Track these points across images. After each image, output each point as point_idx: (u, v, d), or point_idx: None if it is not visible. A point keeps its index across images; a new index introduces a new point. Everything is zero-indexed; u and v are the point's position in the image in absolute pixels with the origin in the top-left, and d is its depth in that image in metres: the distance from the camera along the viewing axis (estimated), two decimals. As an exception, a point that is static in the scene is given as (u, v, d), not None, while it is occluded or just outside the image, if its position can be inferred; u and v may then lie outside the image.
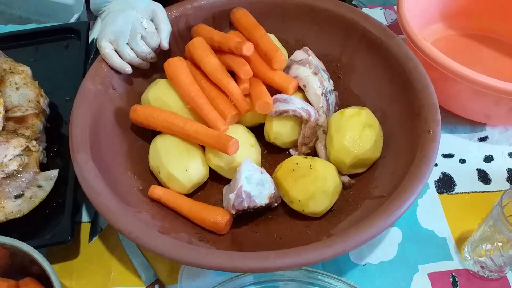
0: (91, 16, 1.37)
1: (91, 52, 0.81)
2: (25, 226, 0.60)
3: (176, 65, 0.66)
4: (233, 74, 0.66)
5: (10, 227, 0.59)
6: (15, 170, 0.59)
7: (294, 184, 0.58)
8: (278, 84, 0.65)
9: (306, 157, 0.61)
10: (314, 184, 0.58)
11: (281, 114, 0.63)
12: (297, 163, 0.60)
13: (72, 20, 1.40)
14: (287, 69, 0.68)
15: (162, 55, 0.70)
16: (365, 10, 0.92)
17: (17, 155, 0.60)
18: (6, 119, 0.63)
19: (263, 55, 0.66)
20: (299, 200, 0.58)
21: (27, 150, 0.62)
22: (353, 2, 1.36)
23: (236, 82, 0.65)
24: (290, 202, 0.59)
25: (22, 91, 0.67)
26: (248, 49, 0.64)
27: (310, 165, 0.59)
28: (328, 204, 0.58)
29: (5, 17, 1.67)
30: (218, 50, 0.67)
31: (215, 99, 0.64)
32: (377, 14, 0.91)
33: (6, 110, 0.64)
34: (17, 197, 0.59)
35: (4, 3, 1.69)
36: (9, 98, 0.66)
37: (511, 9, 0.81)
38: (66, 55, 0.81)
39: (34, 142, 0.62)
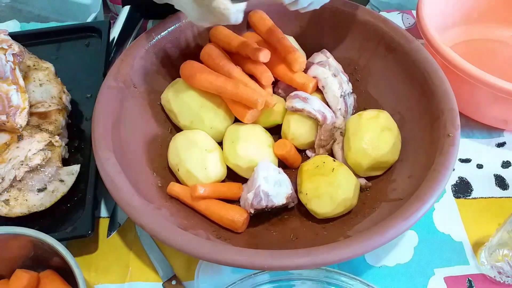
0: (108, 15, 1.39)
1: (112, 50, 0.82)
2: (46, 220, 0.62)
3: (194, 66, 0.66)
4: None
5: (32, 220, 0.60)
6: (38, 164, 0.60)
7: (311, 178, 0.60)
8: (298, 83, 0.66)
9: (334, 161, 0.61)
10: (326, 186, 0.58)
11: (296, 111, 0.64)
12: (324, 162, 0.60)
13: (89, 19, 1.42)
14: (305, 70, 0.69)
15: (181, 55, 0.72)
16: (383, 14, 0.92)
17: (40, 150, 0.61)
18: (30, 114, 0.65)
19: (282, 58, 0.67)
20: (306, 194, 0.59)
21: (50, 145, 0.63)
22: (367, 6, 1.36)
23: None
24: (299, 192, 0.61)
25: (46, 87, 0.68)
26: (265, 56, 0.64)
27: (333, 168, 0.59)
28: (330, 210, 0.58)
29: (24, 16, 1.70)
30: (236, 54, 0.68)
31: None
32: (395, 18, 0.91)
33: (30, 106, 0.65)
34: (40, 190, 0.60)
35: (22, 2, 1.72)
36: (33, 94, 0.67)
37: (530, 15, 0.81)
38: (87, 54, 0.82)
39: (57, 137, 0.64)
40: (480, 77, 0.62)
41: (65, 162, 0.66)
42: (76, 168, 0.63)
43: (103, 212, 0.66)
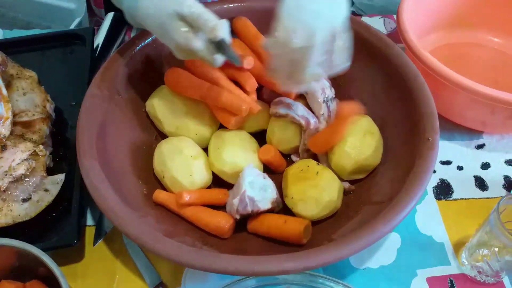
0: (92, 20, 1.38)
1: (96, 58, 0.82)
2: (32, 229, 0.61)
3: (178, 73, 0.67)
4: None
5: (18, 230, 0.60)
6: (22, 174, 0.60)
7: (296, 182, 0.60)
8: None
9: (318, 164, 0.62)
10: (311, 190, 0.59)
11: (280, 117, 0.65)
12: (308, 166, 0.61)
13: (73, 25, 1.41)
14: (289, 77, 0.69)
15: (166, 62, 0.72)
16: (365, 18, 0.93)
17: (24, 160, 0.61)
18: (14, 123, 0.64)
19: (266, 64, 0.68)
20: (292, 198, 0.60)
21: (34, 154, 0.63)
22: (352, 9, 1.37)
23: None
24: (285, 196, 0.61)
25: (29, 96, 0.68)
26: (248, 63, 0.65)
27: (318, 172, 0.60)
28: (315, 213, 0.59)
29: (7, 21, 1.68)
30: None
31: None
32: (377, 22, 0.93)
33: (14, 115, 0.65)
34: (24, 200, 0.60)
35: (6, 6, 1.71)
36: (16, 103, 0.67)
37: (508, 20, 0.83)
38: (71, 61, 0.82)
39: (41, 147, 0.64)
40: (458, 81, 0.64)
41: (50, 171, 0.66)
42: (61, 177, 0.63)
43: (89, 221, 0.66)
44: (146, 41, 0.69)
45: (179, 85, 0.65)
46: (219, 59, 0.55)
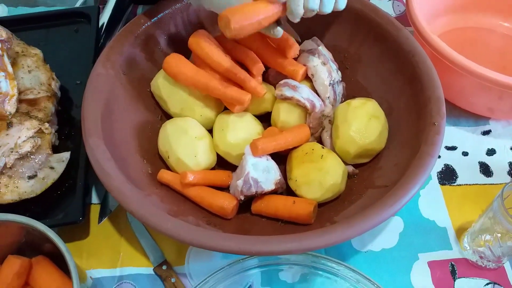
0: (97, -1, 1.36)
1: (101, 36, 0.82)
2: (37, 206, 0.62)
3: (177, 64, 0.66)
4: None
5: (24, 207, 0.61)
6: (28, 152, 0.61)
7: (300, 165, 0.61)
8: (288, 69, 0.66)
9: (323, 147, 0.62)
10: (315, 173, 0.59)
11: (285, 99, 0.64)
12: (313, 149, 0.61)
13: (79, 3, 1.40)
14: (295, 58, 0.69)
15: (171, 42, 0.71)
16: (374, 1, 0.92)
17: (30, 137, 0.61)
18: (19, 101, 0.65)
19: (273, 45, 0.67)
20: (296, 180, 0.60)
21: (39, 132, 0.63)
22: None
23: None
24: (289, 178, 0.62)
25: (34, 74, 0.68)
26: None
27: (322, 155, 0.60)
28: (319, 196, 0.59)
29: (12, -1, 1.66)
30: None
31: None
32: (386, 5, 0.91)
33: (19, 93, 0.65)
34: (30, 177, 0.60)
35: (10, -16, 1.69)
36: (21, 80, 0.67)
37: (519, 4, 0.82)
38: (76, 39, 0.82)
39: (46, 125, 0.64)
40: (465, 66, 0.63)
41: (56, 149, 0.66)
42: (66, 155, 0.64)
43: (94, 199, 0.67)
44: (152, 20, 0.69)
45: (179, 76, 0.64)
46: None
